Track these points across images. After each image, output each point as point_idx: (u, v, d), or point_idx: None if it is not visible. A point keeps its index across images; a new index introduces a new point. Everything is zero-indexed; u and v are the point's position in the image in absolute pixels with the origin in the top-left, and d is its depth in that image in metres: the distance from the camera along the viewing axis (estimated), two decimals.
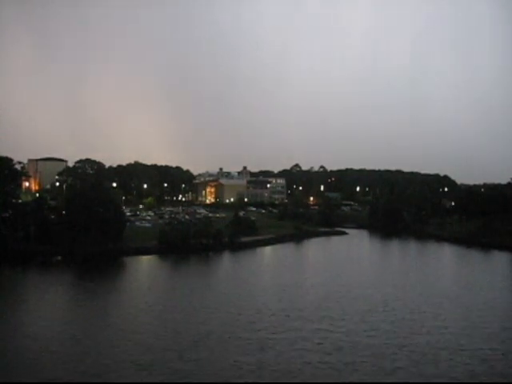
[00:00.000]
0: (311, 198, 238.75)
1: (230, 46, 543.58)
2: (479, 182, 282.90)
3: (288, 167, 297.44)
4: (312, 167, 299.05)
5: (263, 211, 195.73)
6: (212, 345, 49.14)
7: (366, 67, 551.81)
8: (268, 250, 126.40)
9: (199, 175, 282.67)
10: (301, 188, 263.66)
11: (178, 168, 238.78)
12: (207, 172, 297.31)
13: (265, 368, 43.17)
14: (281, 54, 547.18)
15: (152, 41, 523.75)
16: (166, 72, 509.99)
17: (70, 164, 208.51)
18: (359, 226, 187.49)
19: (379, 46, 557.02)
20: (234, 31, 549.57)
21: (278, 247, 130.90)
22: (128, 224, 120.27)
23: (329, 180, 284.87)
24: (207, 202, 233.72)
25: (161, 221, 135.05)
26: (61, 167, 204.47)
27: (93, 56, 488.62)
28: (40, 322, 57.10)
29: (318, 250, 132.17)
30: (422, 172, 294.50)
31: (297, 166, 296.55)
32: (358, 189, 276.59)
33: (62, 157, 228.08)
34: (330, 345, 49.24)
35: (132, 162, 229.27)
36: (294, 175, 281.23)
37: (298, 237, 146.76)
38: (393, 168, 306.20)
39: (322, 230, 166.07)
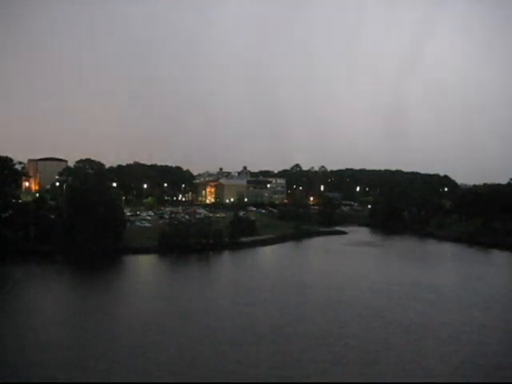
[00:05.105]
0: (311, 198, 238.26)
1: (228, 44, 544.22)
2: (479, 182, 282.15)
3: (288, 167, 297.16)
4: (312, 167, 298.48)
5: (263, 211, 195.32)
6: None
7: (365, 66, 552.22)
8: (268, 249, 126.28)
9: (199, 175, 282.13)
10: (301, 188, 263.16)
11: (178, 168, 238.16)
12: (207, 172, 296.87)
13: None
14: (280, 54, 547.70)
15: (151, 40, 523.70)
16: (165, 72, 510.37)
17: (70, 164, 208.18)
18: (359, 226, 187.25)
19: (378, 44, 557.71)
20: (231, 30, 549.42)
21: (277, 247, 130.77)
22: (128, 224, 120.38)
23: (329, 180, 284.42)
24: (207, 201, 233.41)
25: (161, 221, 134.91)
26: (61, 167, 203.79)
27: (92, 56, 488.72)
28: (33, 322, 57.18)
29: (316, 251, 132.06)
30: (422, 172, 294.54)
31: (297, 166, 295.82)
32: (357, 189, 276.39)
33: (61, 157, 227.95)
34: None
35: (132, 162, 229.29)
36: (294, 175, 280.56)
37: (298, 237, 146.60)
38: (393, 168, 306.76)
39: (322, 230, 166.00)
